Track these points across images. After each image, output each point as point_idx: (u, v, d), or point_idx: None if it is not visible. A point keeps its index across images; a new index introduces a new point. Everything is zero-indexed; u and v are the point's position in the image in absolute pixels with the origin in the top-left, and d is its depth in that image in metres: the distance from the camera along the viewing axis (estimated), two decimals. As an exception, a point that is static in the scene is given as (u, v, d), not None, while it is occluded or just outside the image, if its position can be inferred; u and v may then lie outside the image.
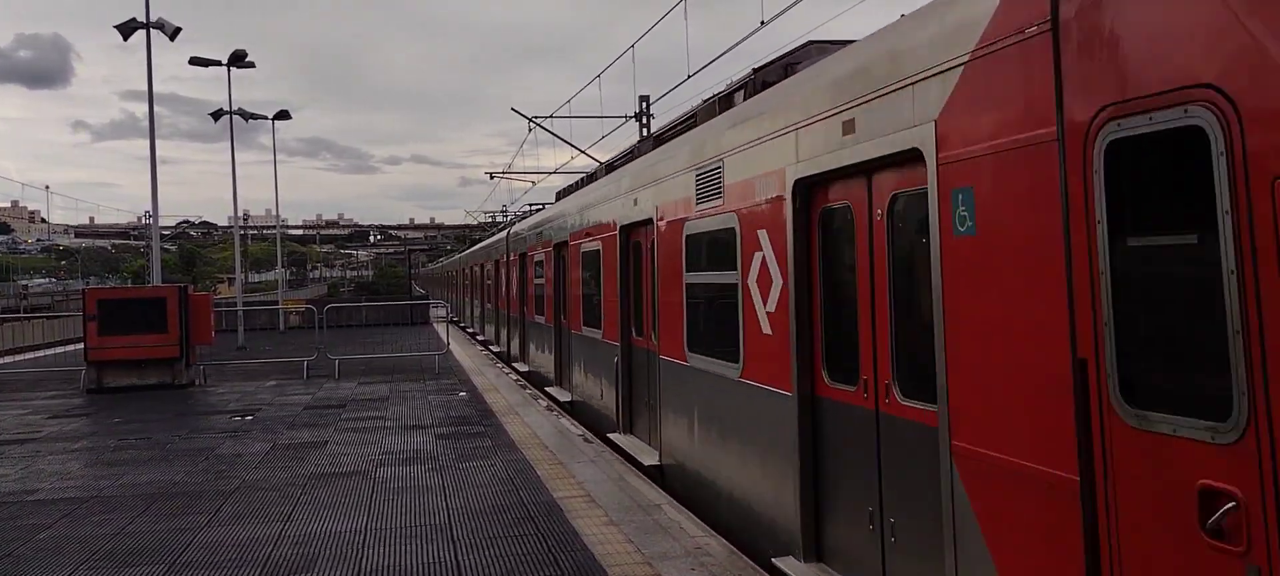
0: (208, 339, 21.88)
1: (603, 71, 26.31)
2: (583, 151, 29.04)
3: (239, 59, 33.20)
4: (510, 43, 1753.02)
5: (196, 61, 32.97)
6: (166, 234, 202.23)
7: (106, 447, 13.32)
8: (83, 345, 20.98)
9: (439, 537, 8.15)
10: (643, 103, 31.03)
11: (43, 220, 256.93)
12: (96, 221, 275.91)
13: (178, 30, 25.83)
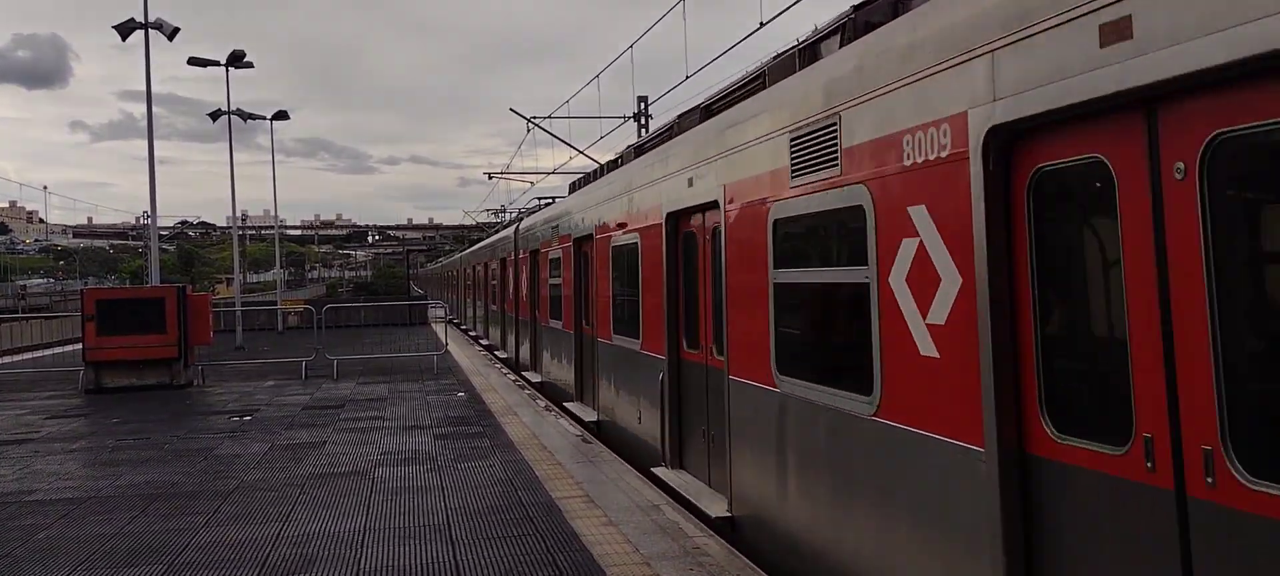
0: (206, 339, 21.90)
1: (601, 72, 26.38)
2: (581, 152, 29.10)
3: (237, 59, 33.24)
4: (509, 43, 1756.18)
5: (195, 62, 33.00)
6: (165, 234, 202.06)
7: (105, 448, 13.31)
8: (81, 345, 20.98)
9: (437, 537, 8.16)
10: (641, 103, 31.11)
11: (41, 220, 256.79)
12: (94, 222, 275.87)
13: (176, 30, 25.83)
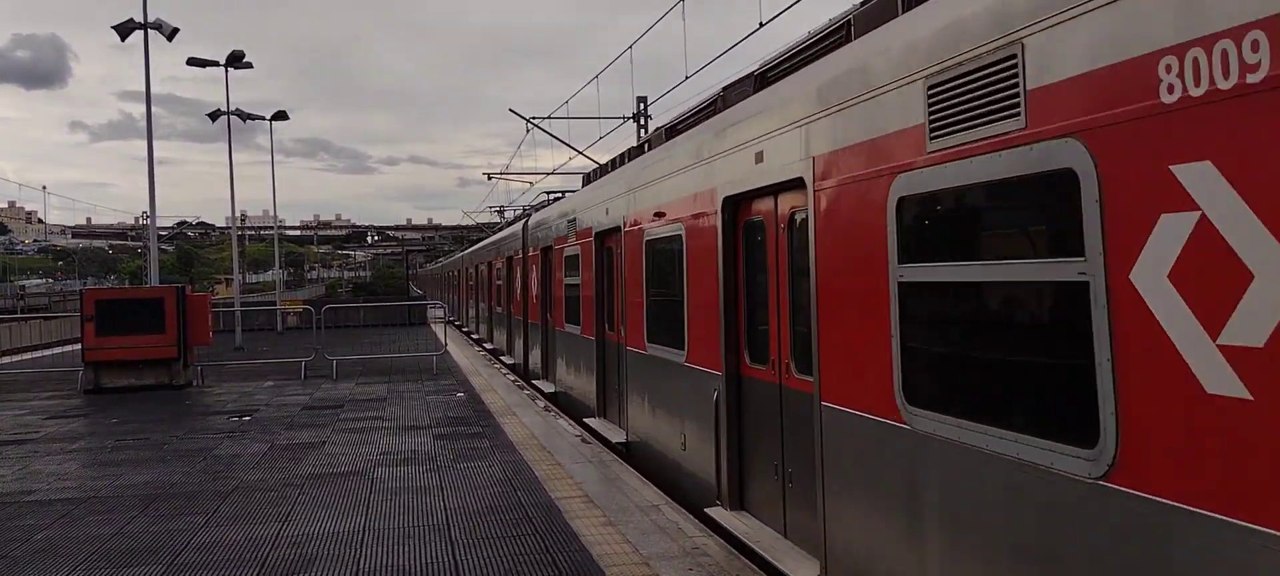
0: (205, 339, 21.90)
1: (601, 72, 26.37)
2: (580, 152, 29.08)
3: (236, 59, 33.23)
4: (508, 43, 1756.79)
5: (194, 62, 32.99)
6: (164, 234, 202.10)
7: (104, 448, 13.31)
8: (80, 346, 20.97)
9: (437, 538, 8.16)
10: (640, 104, 31.12)
11: (40, 220, 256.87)
12: (93, 222, 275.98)
13: (175, 31, 25.83)
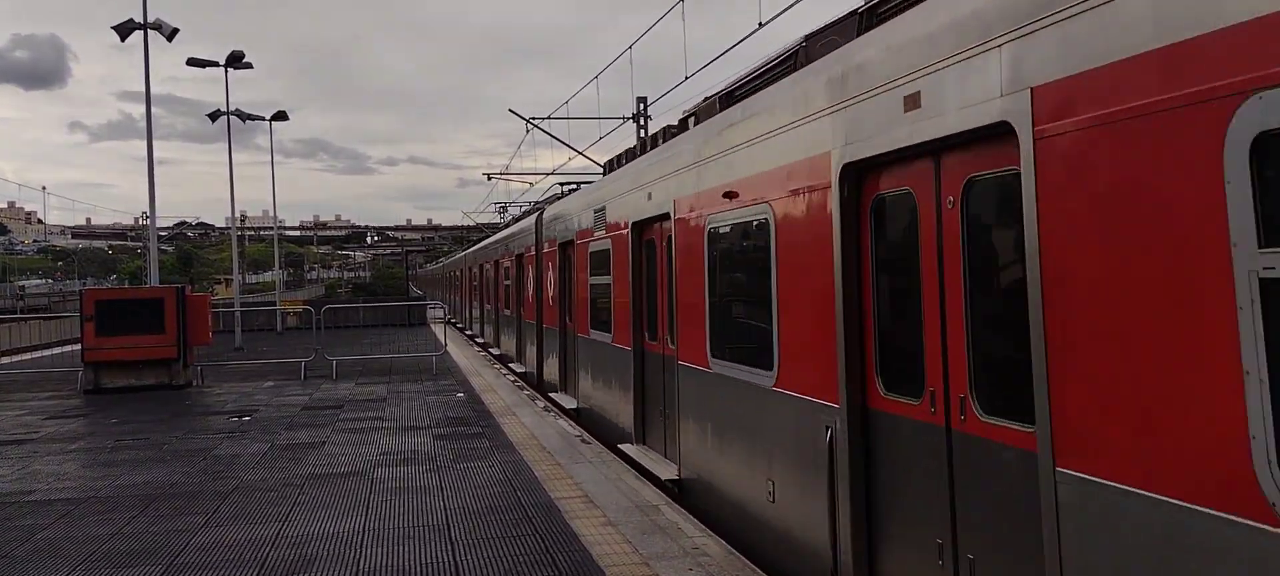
0: (205, 339, 21.90)
1: (600, 72, 26.34)
2: (580, 153, 29.08)
3: (236, 60, 33.21)
4: (508, 43, 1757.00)
5: (194, 62, 32.97)
6: (164, 235, 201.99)
7: (104, 448, 13.31)
8: (80, 346, 20.97)
9: (437, 538, 8.16)
10: (640, 104, 31.11)
11: (39, 221, 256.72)
12: (93, 222, 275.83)
13: (175, 31, 25.81)
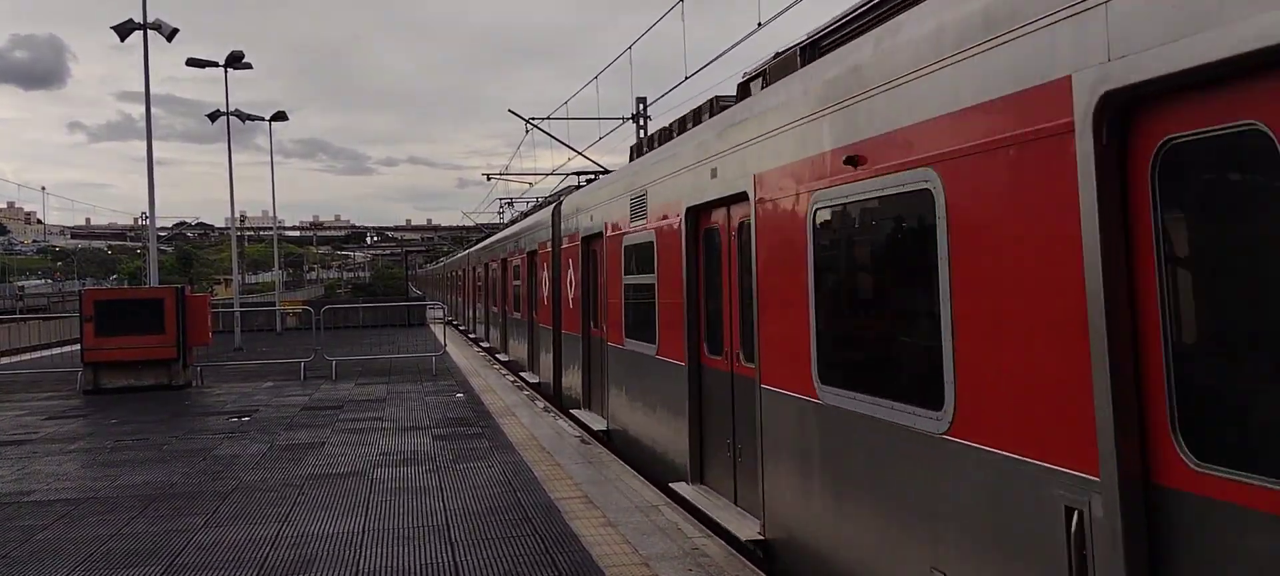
0: (205, 340, 21.90)
1: (600, 72, 26.36)
2: (580, 153, 29.04)
3: (236, 60, 33.21)
4: (508, 43, 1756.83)
5: (193, 62, 32.95)
6: (163, 235, 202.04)
7: (103, 448, 13.30)
8: (79, 346, 20.96)
9: (437, 538, 8.16)
10: (640, 104, 31.11)
11: (39, 221, 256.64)
12: (93, 222, 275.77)
13: (174, 31, 25.81)
